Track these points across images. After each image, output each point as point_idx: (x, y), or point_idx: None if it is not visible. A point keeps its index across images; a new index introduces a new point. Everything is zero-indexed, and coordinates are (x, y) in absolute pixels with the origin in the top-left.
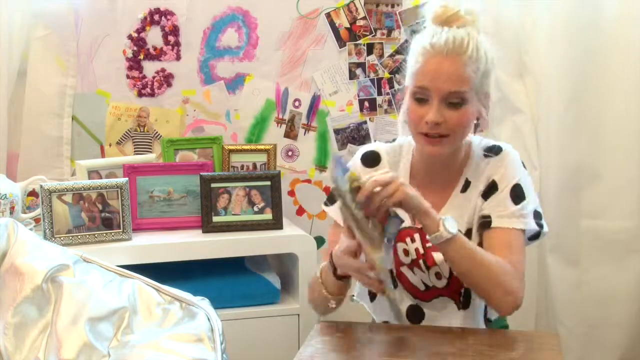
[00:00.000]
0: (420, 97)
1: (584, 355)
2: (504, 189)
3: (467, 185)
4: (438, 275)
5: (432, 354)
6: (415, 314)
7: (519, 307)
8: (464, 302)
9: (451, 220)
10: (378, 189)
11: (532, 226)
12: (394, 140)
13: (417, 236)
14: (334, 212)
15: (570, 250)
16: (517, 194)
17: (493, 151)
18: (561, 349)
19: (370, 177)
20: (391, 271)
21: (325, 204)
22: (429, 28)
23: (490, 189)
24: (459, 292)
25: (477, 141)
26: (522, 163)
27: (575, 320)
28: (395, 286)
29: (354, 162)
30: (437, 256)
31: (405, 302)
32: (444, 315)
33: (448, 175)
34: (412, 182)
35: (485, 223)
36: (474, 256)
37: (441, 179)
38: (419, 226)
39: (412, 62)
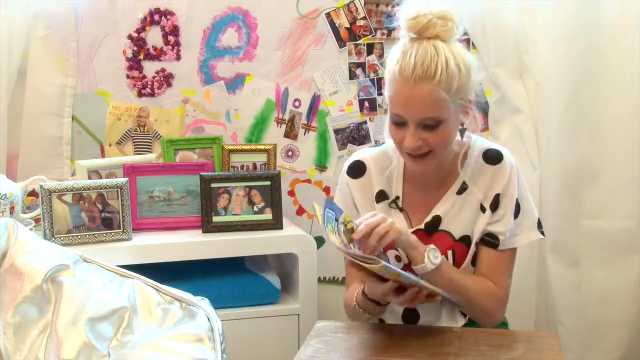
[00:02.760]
0: (398, 121)
1: (584, 355)
2: (507, 204)
3: (463, 188)
4: None
5: (432, 354)
6: (410, 317)
7: (498, 323)
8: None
9: (435, 251)
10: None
11: (534, 238)
12: (383, 142)
13: None
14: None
15: (570, 250)
16: (516, 210)
17: (493, 158)
18: (561, 349)
19: (361, 220)
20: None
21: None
22: (402, 40)
23: (496, 205)
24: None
25: (475, 141)
26: (518, 168)
27: (575, 320)
28: None
29: (343, 173)
30: None
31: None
32: (439, 317)
33: (443, 175)
34: (407, 183)
35: (490, 243)
36: (456, 284)
37: (436, 179)
38: (410, 231)
39: (387, 82)
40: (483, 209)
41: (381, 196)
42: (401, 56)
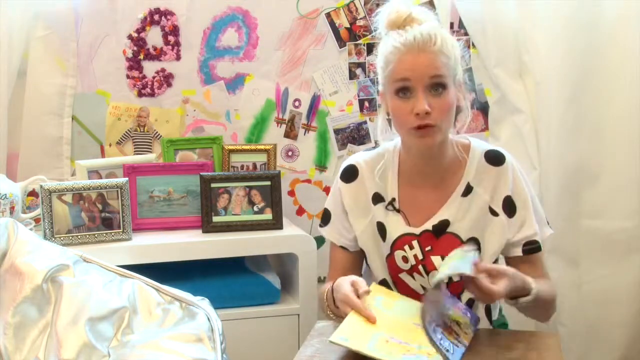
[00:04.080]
0: (404, 91)
1: (584, 355)
2: (524, 206)
3: (468, 190)
4: None
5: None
6: None
7: None
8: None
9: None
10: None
11: (548, 233)
12: (377, 146)
13: (415, 243)
14: (329, 232)
15: (570, 251)
16: (534, 209)
17: (495, 159)
18: (561, 349)
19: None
20: (388, 278)
21: (321, 226)
22: (390, 34)
23: (510, 208)
24: (458, 295)
25: (475, 144)
26: (520, 168)
27: (575, 320)
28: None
29: (337, 177)
30: (437, 261)
31: None
32: None
33: (441, 174)
34: (402, 184)
35: (534, 249)
36: (544, 299)
37: (433, 178)
38: (417, 232)
39: (384, 64)
40: (494, 212)
41: (377, 198)
42: (398, 36)
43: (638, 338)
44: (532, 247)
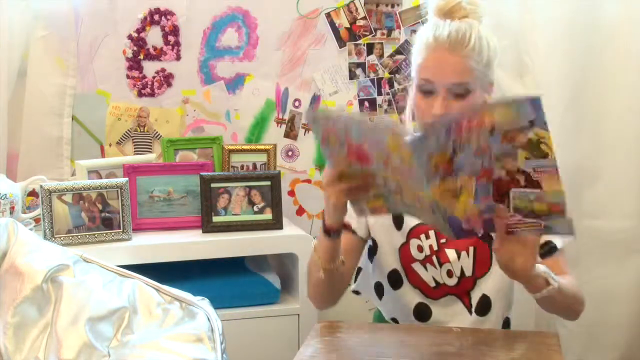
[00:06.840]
0: (426, 90)
1: (584, 355)
2: None
3: None
4: (449, 273)
5: (432, 354)
6: (422, 313)
7: None
8: (477, 309)
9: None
10: None
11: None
12: None
13: (432, 233)
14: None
15: (570, 250)
16: None
17: None
18: (561, 349)
19: None
20: (399, 268)
21: None
22: (431, 20)
23: None
24: (467, 292)
25: None
26: None
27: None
28: (401, 284)
29: None
30: (451, 254)
31: (414, 299)
32: (452, 316)
33: None
34: None
35: (550, 250)
36: (568, 298)
37: None
38: None
39: (416, 54)
40: None
41: None
42: (435, 27)
43: (638, 338)
44: (549, 248)
